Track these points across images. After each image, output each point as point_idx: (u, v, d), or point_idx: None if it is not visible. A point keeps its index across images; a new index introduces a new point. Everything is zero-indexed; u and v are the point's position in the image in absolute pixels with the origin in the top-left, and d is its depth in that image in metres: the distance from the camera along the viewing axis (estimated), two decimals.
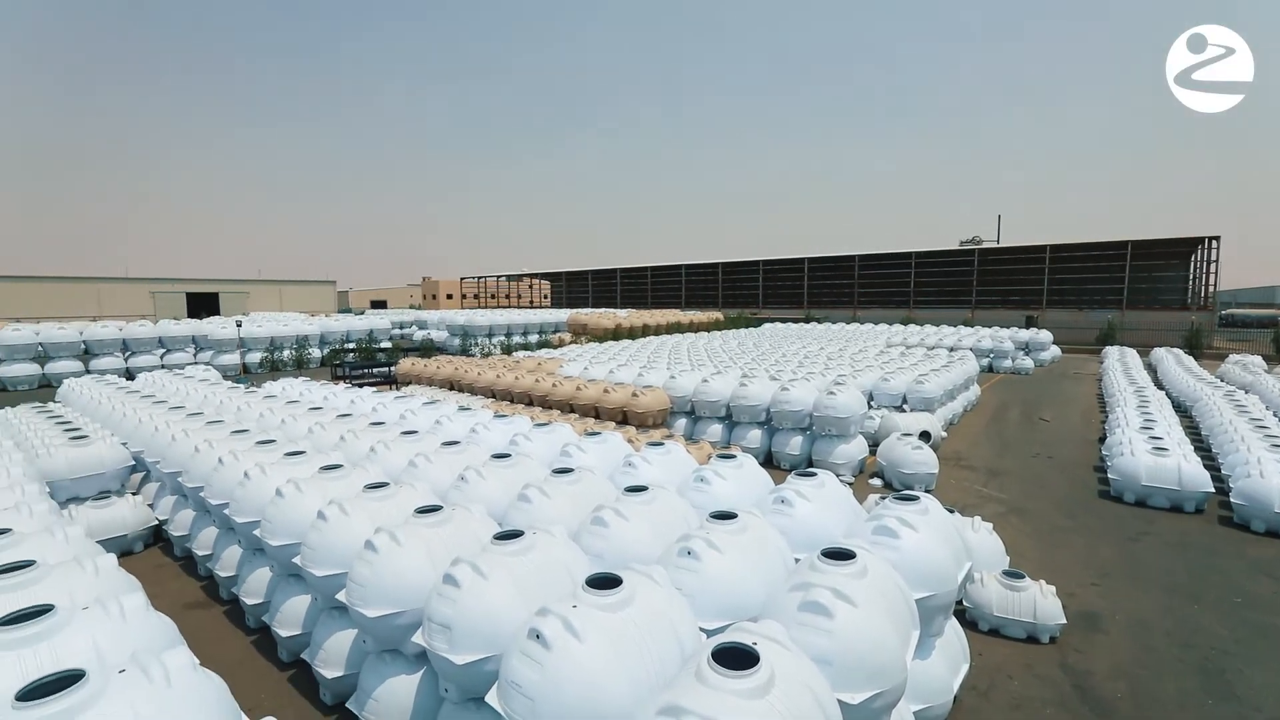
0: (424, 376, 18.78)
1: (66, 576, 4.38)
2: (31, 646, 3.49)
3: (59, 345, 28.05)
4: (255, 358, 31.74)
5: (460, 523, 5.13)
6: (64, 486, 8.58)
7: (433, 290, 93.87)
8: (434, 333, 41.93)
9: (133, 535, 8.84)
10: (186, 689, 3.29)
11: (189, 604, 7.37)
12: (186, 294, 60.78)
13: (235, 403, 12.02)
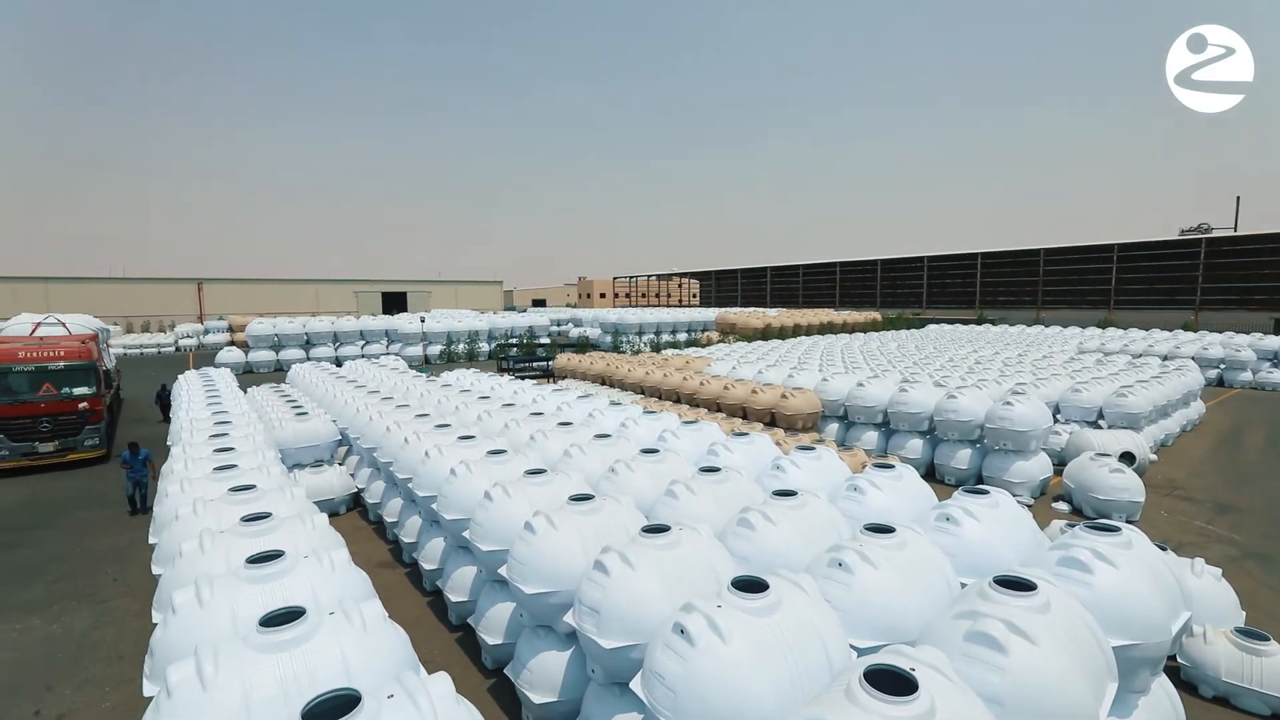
0: (579, 371, 19.83)
1: (293, 529, 5.23)
2: (269, 583, 4.22)
3: (289, 336, 33.60)
4: (435, 350, 35.59)
5: (610, 512, 5.34)
6: (291, 454, 10.23)
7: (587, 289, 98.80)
8: (588, 330, 44.08)
9: (338, 499, 10.33)
10: (379, 636, 3.77)
11: (379, 563, 8.45)
12: (382, 293, 69.83)
13: (418, 389, 13.56)
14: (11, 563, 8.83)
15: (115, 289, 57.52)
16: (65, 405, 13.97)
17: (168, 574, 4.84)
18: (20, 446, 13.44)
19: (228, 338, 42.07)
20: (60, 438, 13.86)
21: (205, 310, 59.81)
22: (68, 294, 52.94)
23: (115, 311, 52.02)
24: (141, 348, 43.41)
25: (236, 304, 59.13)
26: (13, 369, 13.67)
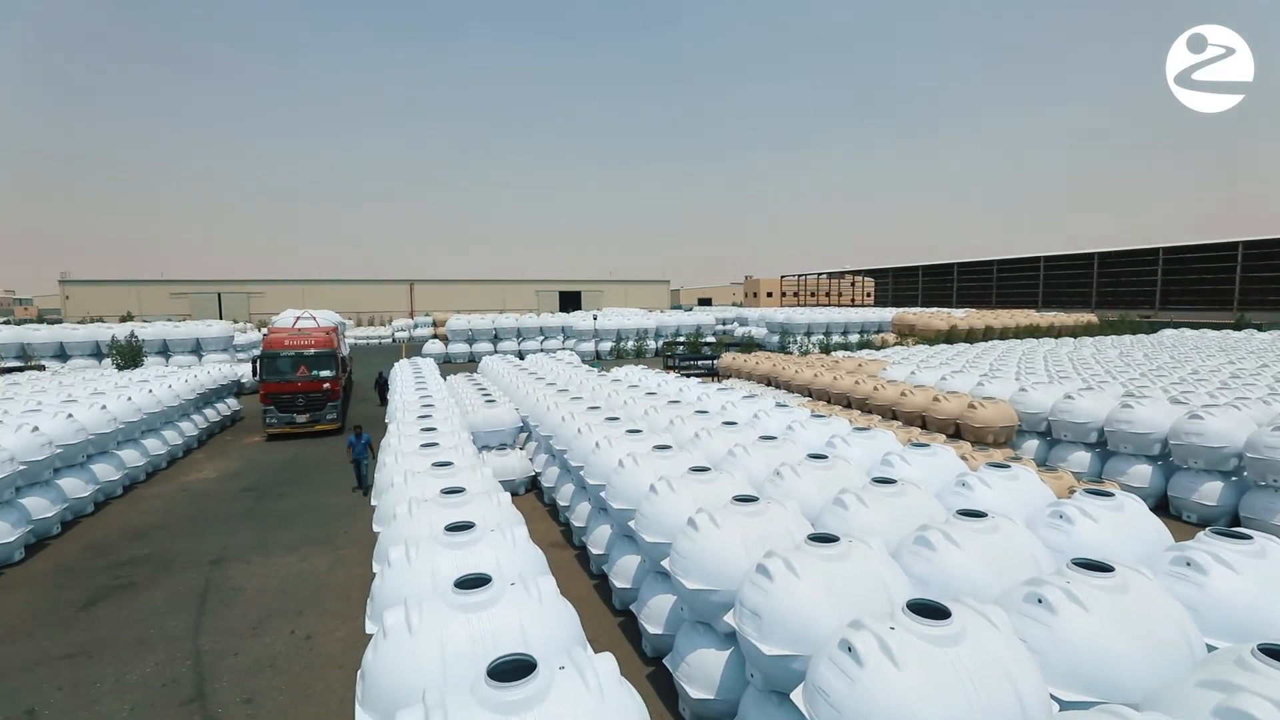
0: (744, 371, 19.65)
1: (482, 504, 5.83)
2: (461, 550, 4.74)
3: (480, 331, 37.49)
4: (606, 346, 37.51)
5: (774, 516, 5.22)
6: (480, 436, 11.41)
7: (754, 288, 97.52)
8: (754, 329, 43.51)
9: (518, 480, 11.31)
10: (553, 610, 4.06)
11: (551, 542, 9.11)
12: (559, 292, 75.17)
13: (590, 383, 14.37)
14: (278, 510, 10.92)
15: (350, 289, 68.52)
16: (314, 385, 16.96)
17: (384, 533, 5.65)
18: (285, 416, 16.59)
19: (432, 331, 48.05)
20: (310, 411, 16.86)
21: (415, 308, 68.89)
22: (318, 293, 64.16)
23: (350, 308, 61.91)
24: (367, 339, 51.16)
25: (439, 302, 67.35)
26: (280, 354, 16.90)
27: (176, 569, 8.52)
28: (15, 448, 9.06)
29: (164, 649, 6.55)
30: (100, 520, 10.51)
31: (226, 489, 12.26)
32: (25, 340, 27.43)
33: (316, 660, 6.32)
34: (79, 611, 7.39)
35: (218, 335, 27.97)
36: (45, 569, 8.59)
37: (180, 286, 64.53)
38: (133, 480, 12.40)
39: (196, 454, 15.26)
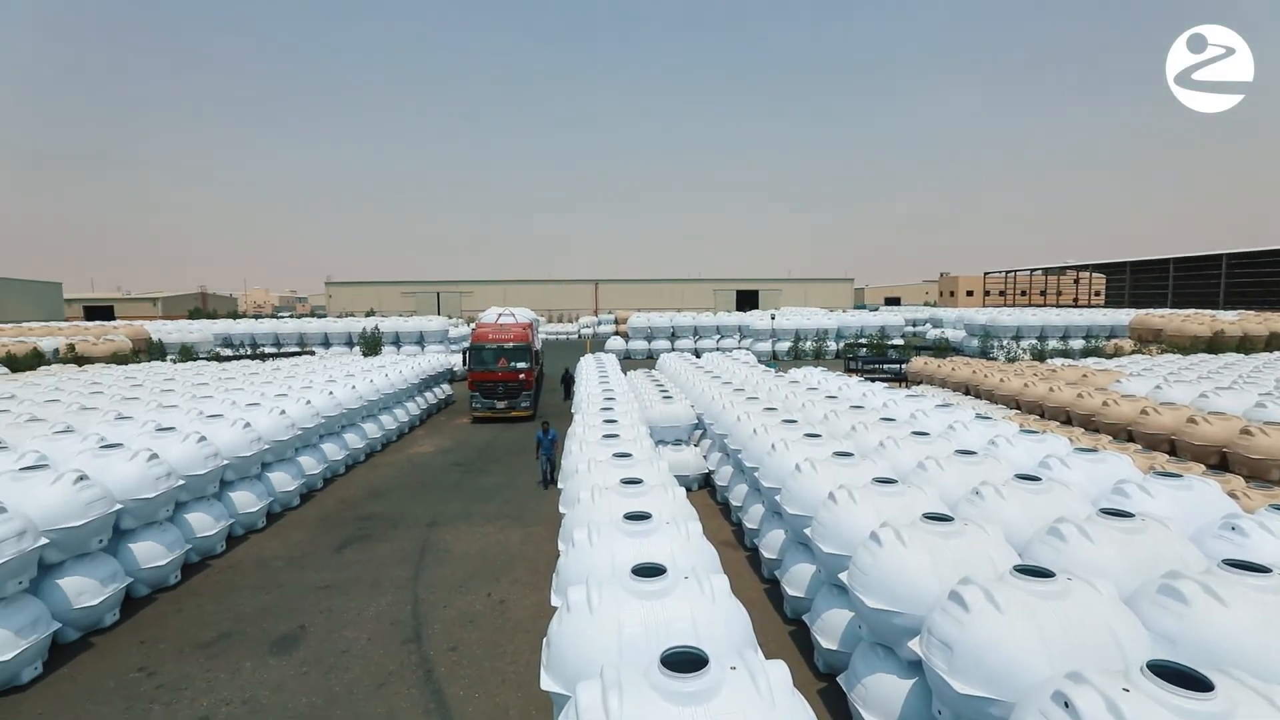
0: (936, 377, 17.94)
1: (658, 496, 6.01)
2: (638, 538, 4.93)
3: (658, 328, 38.68)
4: (783, 346, 36.60)
5: (971, 539, 4.69)
6: (657, 431, 11.78)
7: (950, 286, 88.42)
8: (949, 332, 39.53)
9: (692, 476, 11.49)
10: (725, 608, 4.06)
11: (722, 541, 9.11)
12: (736, 291, 74.89)
13: (767, 384, 14.11)
14: (481, 485, 12.30)
15: (543, 288, 74.78)
16: (511, 375, 18.81)
17: (569, 515, 6.08)
18: (487, 402, 18.65)
19: (614, 328, 50.61)
20: (508, 398, 18.73)
21: (599, 306, 73.18)
22: (517, 292, 71.02)
23: (543, 305, 67.59)
24: (556, 334, 55.43)
25: (622, 300, 70.79)
26: (485, 346, 19.00)
27: (402, 527, 9.99)
28: (295, 417, 11.29)
29: (391, 593, 7.72)
30: (348, 481, 12.70)
31: (440, 463, 14.10)
32: (302, 331, 34.04)
33: (508, 623, 7.01)
34: (333, 553, 8.99)
35: (436, 329, 32.27)
36: (312, 515, 10.58)
37: (409, 287, 75.42)
38: (371, 450, 14.78)
39: (419, 431, 17.76)
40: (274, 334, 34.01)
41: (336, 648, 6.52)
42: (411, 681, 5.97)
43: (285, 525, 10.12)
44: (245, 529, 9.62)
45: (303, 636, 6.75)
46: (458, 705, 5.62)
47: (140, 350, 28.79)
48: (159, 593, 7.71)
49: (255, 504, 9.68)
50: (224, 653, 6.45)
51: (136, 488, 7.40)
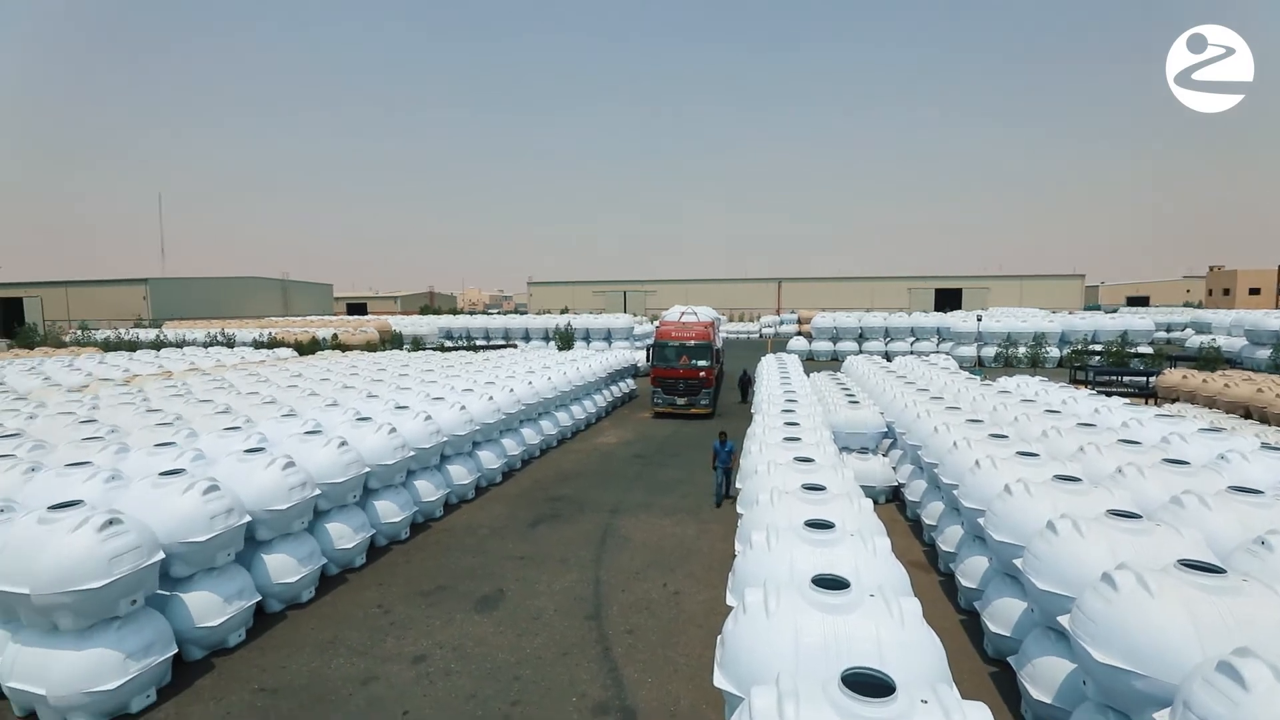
0: (1200, 394, 14.69)
1: (841, 505, 5.70)
2: (820, 547, 4.72)
3: (845, 329, 36.68)
4: (990, 351, 32.53)
5: (1257, 601, 3.75)
6: (841, 437, 11.17)
7: (1225, 283, 71.34)
8: (1220, 339, 32.11)
9: (878, 488, 10.72)
10: (916, 635, 3.72)
11: (911, 561, 8.37)
12: (935, 290, 68.22)
13: (970, 393, 12.67)
14: (660, 478, 12.71)
15: (725, 287, 74.90)
16: (692, 373, 19.12)
17: (747, 516, 6.02)
18: (668, 398, 19.19)
19: (796, 328, 49.10)
20: (688, 395, 19.09)
21: (781, 305, 71.44)
22: (699, 291, 72.03)
23: (724, 304, 67.71)
24: (737, 334, 55.21)
25: (805, 299, 68.34)
26: (668, 344, 19.55)
27: (588, 511, 10.68)
28: (501, 403, 12.63)
29: (576, 571, 8.30)
30: (543, 464, 13.89)
31: (623, 454, 14.82)
32: (507, 326, 37.92)
33: (682, 614, 7.15)
34: (528, 528, 9.90)
35: (623, 326, 33.95)
36: (511, 492, 11.77)
37: (599, 286, 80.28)
38: (563, 437, 16.01)
39: (605, 422, 18.85)
40: (484, 329, 38.43)
41: (529, 613, 7.18)
42: (591, 656, 6.36)
43: (489, 499, 11.38)
44: (458, 499, 10.99)
45: (501, 599, 7.53)
46: (632, 686, 5.86)
47: (385, 340, 34.31)
48: (393, 545, 9.13)
49: (467, 478, 11.01)
50: (439, 602, 7.44)
51: (380, 455, 8.84)
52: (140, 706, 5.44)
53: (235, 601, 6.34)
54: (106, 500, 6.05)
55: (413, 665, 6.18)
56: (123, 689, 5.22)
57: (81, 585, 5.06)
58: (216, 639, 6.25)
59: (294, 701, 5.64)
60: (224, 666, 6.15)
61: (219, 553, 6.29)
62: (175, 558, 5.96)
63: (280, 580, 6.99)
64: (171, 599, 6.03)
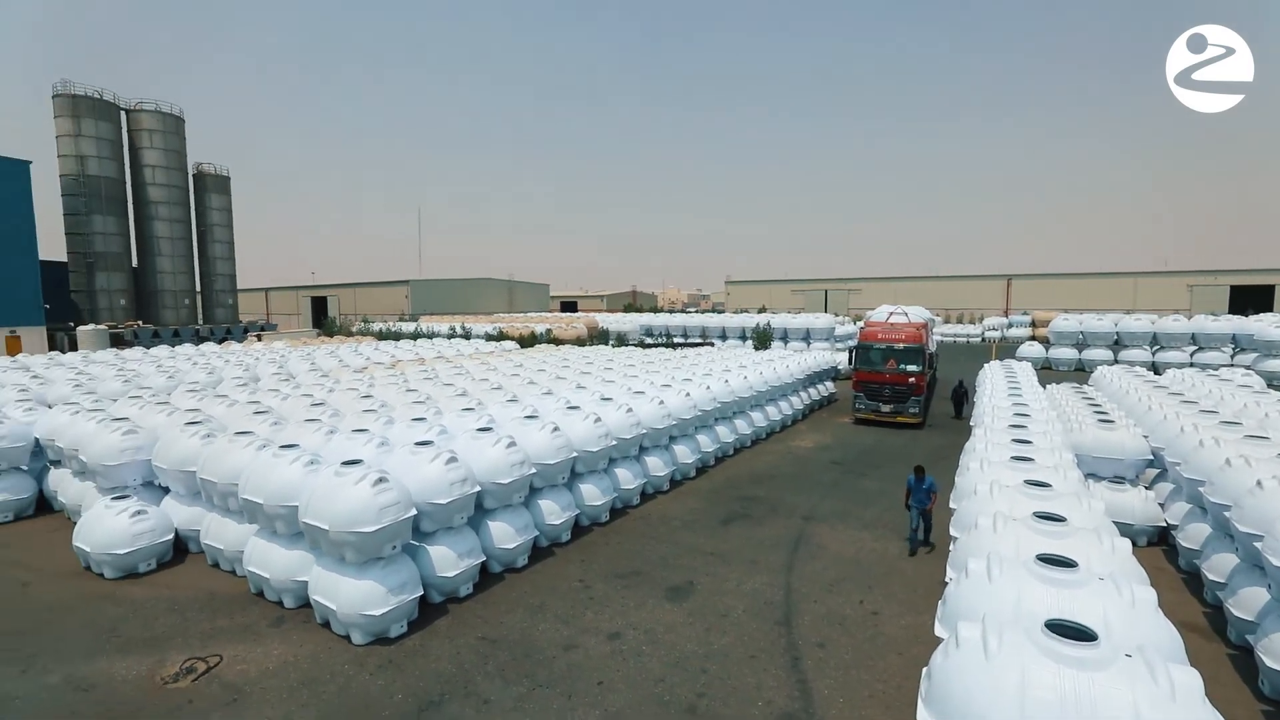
0: None
1: (1087, 542, 4.82)
2: (1058, 588, 4.05)
3: (1095, 334, 30.97)
4: None
5: None
6: (1086, 461, 9.47)
7: None
8: None
9: (1138, 528, 8.88)
10: (1195, 717, 3.02)
11: (1184, 623, 6.78)
12: (1230, 287, 54.34)
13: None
14: (860, 488, 11.97)
15: (940, 285, 67.86)
16: (900, 378, 17.65)
17: (963, 540, 5.39)
18: (871, 404, 17.96)
19: (1029, 332, 42.79)
20: (894, 402, 17.67)
21: (1010, 305, 62.65)
22: (909, 289, 66.27)
23: (939, 304, 61.42)
24: (954, 337, 49.73)
25: (1041, 299, 59.06)
26: (873, 346, 18.27)
27: (780, 514, 10.43)
28: (697, 399, 12.88)
29: (767, 575, 8.15)
30: (735, 463, 13.87)
31: (820, 459, 14.20)
32: (704, 325, 38.45)
33: (879, 637, 6.65)
34: (719, 524, 9.97)
35: (823, 326, 32.50)
36: (704, 488, 11.95)
37: (798, 285, 77.76)
38: (757, 438, 15.82)
39: (800, 425, 18.25)
40: (682, 326, 39.47)
41: (718, 610, 7.23)
42: (780, 663, 6.20)
43: (683, 492, 11.67)
44: (654, 490, 11.45)
45: (691, 591, 7.69)
46: (822, 703, 5.60)
47: (592, 335, 37.01)
48: (594, 526, 9.82)
49: (663, 470, 11.43)
50: (634, 586, 7.82)
51: (586, 442, 9.55)
52: (396, 633, 6.56)
53: (466, 559, 7.33)
54: (378, 461, 7.38)
55: (608, 641, 6.59)
56: (385, 616, 6.34)
57: (360, 528, 6.25)
58: (451, 588, 7.28)
59: (509, 654, 6.35)
60: (456, 612, 7.15)
61: (456, 515, 7.32)
62: (423, 515, 7.06)
63: (501, 546, 7.92)
64: (419, 550, 7.17)
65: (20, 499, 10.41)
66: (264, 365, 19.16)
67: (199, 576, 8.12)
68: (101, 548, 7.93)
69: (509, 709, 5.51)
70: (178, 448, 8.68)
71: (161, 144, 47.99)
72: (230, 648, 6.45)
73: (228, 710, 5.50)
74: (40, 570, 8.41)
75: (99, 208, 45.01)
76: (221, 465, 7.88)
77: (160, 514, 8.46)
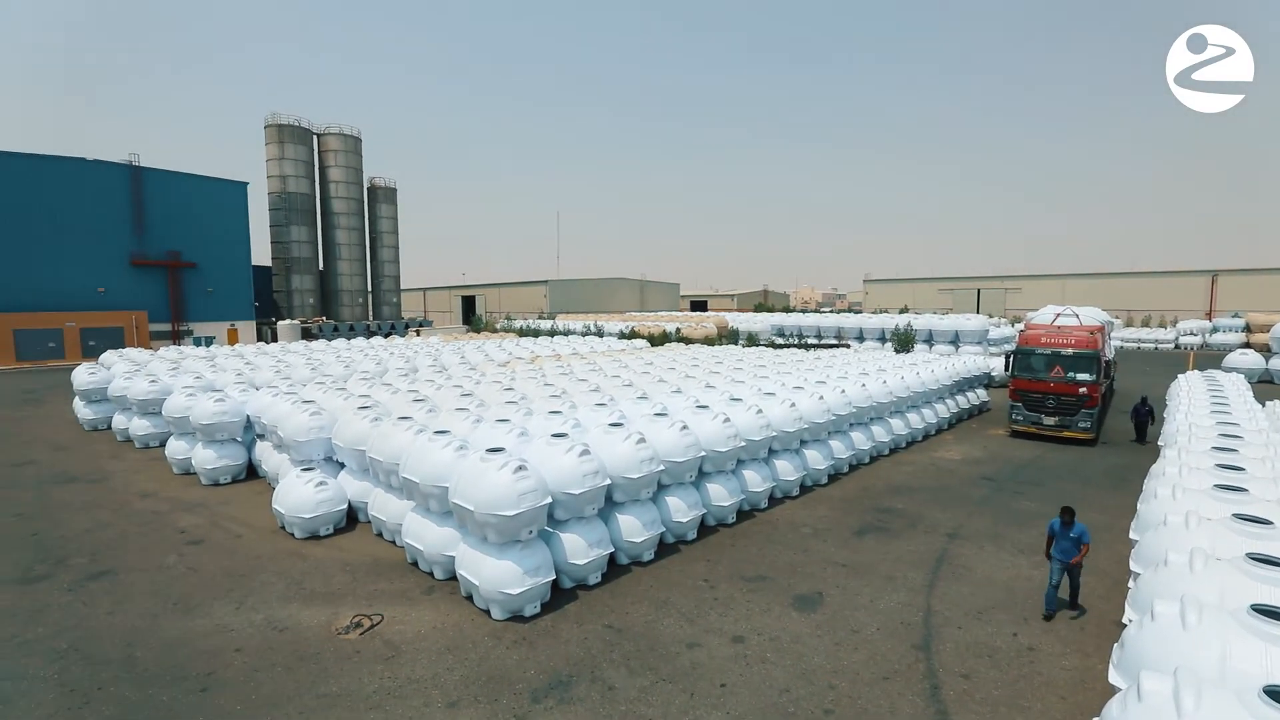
0: None
1: None
2: (1278, 647, 3.39)
3: None
4: None
5: None
6: None
7: None
8: None
9: None
10: None
11: None
12: None
13: None
14: (1015, 508, 10.82)
15: (1120, 283, 59.42)
16: (1068, 388, 15.69)
17: (1147, 576, 4.68)
18: (1031, 415, 16.15)
19: (1242, 338, 36.31)
20: (1059, 414, 15.75)
21: (1215, 306, 53.38)
22: (1080, 288, 58.78)
23: (1118, 304, 53.85)
24: (1139, 341, 43.37)
25: (1257, 299, 49.69)
26: (1035, 351, 16.41)
27: (921, 530, 9.71)
28: (831, 403, 12.34)
29: (904, 593, 7.62)
30: (871, 471, 13.12)
31: (968, 473, 13.03)
32: (839, 325, 36.88)
33: (1036, 676, 5.96)
34: (852, 535, 9.49)
35: (974, 328, 29.77)
36: (836, 496, 11.42)
37: (947, 283, 71.82)
38: (895, 446, 14.85)
39: (945, 435, 16.85)
40: (816, 327, 38.02)
41: (848, 624, 6.88)
42: (917, 690, 5.78)
43: (813, 499, 11.25)
44: (783, 494, 11.14)
45: (820, 602, 7.39)
46: None
47: (722, 335, 36.76)
48: (720, 527, 9.75)
49: (793, 474, 11.09)
50: (759, 591, 7.67)
51: (715, 442, 9.51)
52: (530, 613, 6.96)
53: (596, 548, 7.60)
54: (518, 450, 7.86)
55: (732, 644, 6.52)
56: (521, 595, 6.75)
57: (501, 511, 6.70)
58: (580, 575, 7.59)
59: (633, 644, 6.50)
60: (586, 599, 7.44)
61: (587, 506, 7.61)
62: (557, 504, 7.42)
63: (629, 539, 8.12)
64: (553, 536, 7.54)
65: (236, 464, 12.38)
66: (421, 357, 21.17)
67: (366, 543, 9.16)
68: (292, 511, 9.21)
69: (633, 698, 5.63)
70: (352, 429, 9.84)
71: (344, 162, 54.74)
72: (390, 609, 7.21)
73: (388, 664, 6.14)
74: (249, 525, 9.95)
75: (295, 219, 52.29)
76: (386, 446, 8.82)
77: (337, 486, 9.66)
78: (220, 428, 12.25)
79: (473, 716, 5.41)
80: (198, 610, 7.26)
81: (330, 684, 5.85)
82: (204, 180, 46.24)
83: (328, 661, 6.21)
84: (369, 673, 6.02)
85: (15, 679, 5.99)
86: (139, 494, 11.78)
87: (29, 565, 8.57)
